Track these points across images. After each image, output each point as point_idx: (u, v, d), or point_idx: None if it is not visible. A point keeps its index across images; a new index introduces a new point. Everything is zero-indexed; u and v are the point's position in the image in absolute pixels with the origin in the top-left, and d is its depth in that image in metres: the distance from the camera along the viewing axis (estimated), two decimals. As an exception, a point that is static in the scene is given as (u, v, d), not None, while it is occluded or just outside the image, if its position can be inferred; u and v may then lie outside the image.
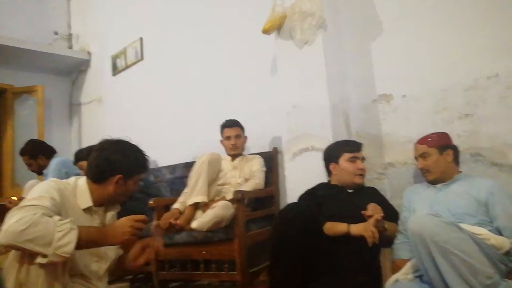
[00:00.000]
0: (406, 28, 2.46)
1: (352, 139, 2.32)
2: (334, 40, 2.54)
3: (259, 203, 2.69)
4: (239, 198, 2.34)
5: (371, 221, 1.74)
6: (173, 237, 2.46)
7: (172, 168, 3.47)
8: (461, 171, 1.94)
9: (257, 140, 3.04)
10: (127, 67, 4.57)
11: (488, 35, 2.18)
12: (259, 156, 2.84)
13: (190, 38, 3.80)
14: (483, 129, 2.17)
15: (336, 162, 2.08)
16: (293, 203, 1.94)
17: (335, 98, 2.42)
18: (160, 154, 3.75)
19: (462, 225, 1.53)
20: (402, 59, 2.46)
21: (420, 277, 1.59)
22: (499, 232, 1.62)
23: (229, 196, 2.47)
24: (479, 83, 2.19)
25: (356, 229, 1.76)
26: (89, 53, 5.32)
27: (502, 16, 2.15)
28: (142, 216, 1.47)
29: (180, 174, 3.33)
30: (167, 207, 2.66)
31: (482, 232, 1.56)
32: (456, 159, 1.93)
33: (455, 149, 1.94)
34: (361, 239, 1.72)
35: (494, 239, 1.54)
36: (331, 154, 2.13)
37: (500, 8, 2.16)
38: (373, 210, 1.81)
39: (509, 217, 1.63)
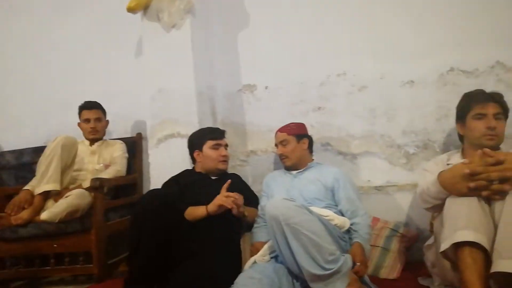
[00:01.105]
0: (271, 22, 2.59)
1: (217, 126, 2.35)
2: (202, 26, 2.52)
3: (121, 191, 2.56)
4: (97, 186, 2.19)
5: (222, 190, 1.81)
6: (17, 230, 2.18)
7: (19, 153, 3.07)
8: (313, 159, 2.14)
9: (119, 124, 2.89)
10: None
11: (339, 35, 2.42)
12: (121, 141, 2.70)
13: (45, 3, 3.34)
14: (332, 121, 2.42)
15: (200, 150, 2.09)
16: (153, 190, 1.88)
17: (201, 85, 2.42)
18: (4, 137, 3.30)
19: (312, 208, 1.69)
20: (266, 51, 2.58)
21: (276, 257, 1.70)
22: (341, 214, 1.84)
23: (86, 183, 2.31)
24: (330, 79, 2.44)
25: (212, 205, 1.79)
26: None
27: (352, 20, 2.41)
28: None
29: (28, 160, 2.96)
30: (9, 198, 2.34)
31: (328, 214, 1.75)
32: (310, 148, 2.13)
33: (310, 139, 2.14)
34: (222, 224, 1.77)
35: (338, 220, 1.75)
36: (195, 142, 2.13)
37: (353, 13, 2.42)
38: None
39: (350, 201, 1.86)
